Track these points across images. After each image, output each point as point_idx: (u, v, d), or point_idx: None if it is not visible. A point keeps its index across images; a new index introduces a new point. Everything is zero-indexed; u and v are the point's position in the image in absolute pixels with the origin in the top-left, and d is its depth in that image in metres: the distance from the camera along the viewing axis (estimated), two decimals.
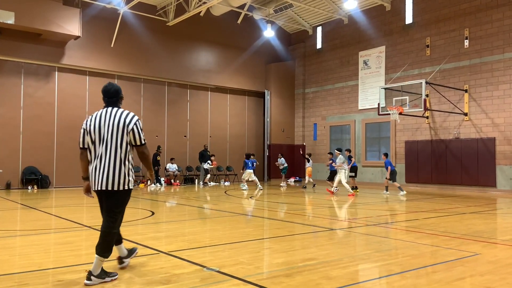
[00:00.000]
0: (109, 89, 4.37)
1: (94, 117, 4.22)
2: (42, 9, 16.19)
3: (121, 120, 4.12)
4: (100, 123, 4.14)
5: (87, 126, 4.22)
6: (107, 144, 4.10)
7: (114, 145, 4.10)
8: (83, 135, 4.24)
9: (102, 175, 4.08)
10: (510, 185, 15.99)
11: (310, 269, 4.57)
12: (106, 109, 4.25)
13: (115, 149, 4.10)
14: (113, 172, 4.07)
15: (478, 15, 17.07)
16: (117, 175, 4.08)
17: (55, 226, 7.96)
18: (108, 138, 4.10)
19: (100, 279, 3.98)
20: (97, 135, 4.14)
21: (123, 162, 4.14)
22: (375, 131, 20.71)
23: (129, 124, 4.14)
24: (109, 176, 4.07)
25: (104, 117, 4.16)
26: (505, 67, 16.27)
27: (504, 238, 6.67)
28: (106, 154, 4.09)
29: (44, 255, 5.35)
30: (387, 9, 20.22)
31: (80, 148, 4.28)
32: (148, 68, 20.00)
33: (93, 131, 4.16)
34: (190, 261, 4.92)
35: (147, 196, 14.39)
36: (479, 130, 16.91)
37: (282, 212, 10.20)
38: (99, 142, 4.14)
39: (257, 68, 23.64)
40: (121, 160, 4.12)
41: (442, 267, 4.72)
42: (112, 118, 4.13)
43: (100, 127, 4.13)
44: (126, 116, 4.16)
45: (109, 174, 4.07)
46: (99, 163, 4.11)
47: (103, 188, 4.09)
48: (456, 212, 9.90)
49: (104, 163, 4.09)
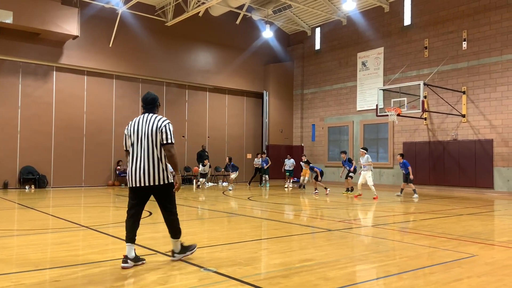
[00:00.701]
0: (147, 98, 4.89)
1: (134, 122, 4.77)
2: (40, 8, 16.16)
3: (155, 123, 4.66)
4: (138, 127, 4.69)
5: (128, 130, 4.78)
6: (144, 145, 4.63)
7: (151, 146, 4.62)
8: (125, 139, 4.80)
9: (141, 173, 4.61)
10: (507, 186, 16.02)
11: (308, 270, 4.57)
12: (143, 115, 4.79)
13: (152, 149, 4.63)
14: (153, 169, 4.62)
15: (476, 17, 17.12)
16: (156, 171, 4.64)
17: (52, 226, 7.95)
18: (144, 140, 4.63)
19: (182, 254, 4.92)
20: (135, 138, 4.68)
21: (160, 159, 4.67)
22: (373, 132, 20.74)
23: (161, 126, 4.66)
24: (150, 173, 4.61)
25: (142, 122, 4.70)
26: (503, 69, 16.32)
27: (501, 239, 6.68)
28: (144, 154, 4.62)
29: (41, 255, 5.34)
30: (386, 10, 20.26)
31: (125, 150, 4.88)
32: (147, 68, 19.98)
33: (132, 135, 4.71)
34: (187, 261, 4.91)
35: None
36: (477, 132, 16.95)
37: (280, 213, 10.19)
38: (136, 144, 4.67)
39: (256, 68, 23.64)
40: (158, 158, 4.66)
41: (440, 268, 4.73)
42: (148, 122, 4.67)
43: (138, 131, 4.68)
44: (160, 119, 4.71)
45: (149, 171, 4.61)
46: (138, 163, 4.63)
47: (142, 184, 4.62)
48: (453, 214, 9.92)
49: (142, 162, 4.61)
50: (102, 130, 18.97)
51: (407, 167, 14.28)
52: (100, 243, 6.04)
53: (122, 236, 6.48)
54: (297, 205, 11.89)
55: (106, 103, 19.17)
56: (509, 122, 16.07)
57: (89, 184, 18.50)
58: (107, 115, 19.18)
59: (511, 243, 6.29)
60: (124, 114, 19.62)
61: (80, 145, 18.44)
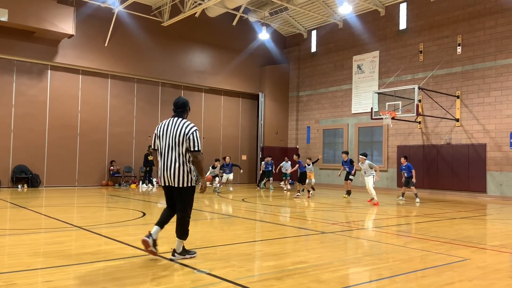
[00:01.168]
0: (177, 102, 5.18)
1: (163, 124, 5.09)
2: (36, 7, 16.09)
3: (183, 129, 4.94)
4: (167, 130, 5.01)
5: (158, 131, 5.11)
6: (171, 149, 4.96)
7: (177, 150, 4.95)
8: (155, 139, 5.14)
9: (167, 174, 4.97)
10: (500, 191, 16.14)
11: (301, 272, 4.58)
12: (173, 118, 5.10)
13: (178, 153, 4.94)
14: (177, 171, 4.93)
15: (471, 22, 17.25)
16: (180, 174, 4.94)
17: (44, 225, 7.90)
18: (172, 143, 4.96)
19: (182, 256, 5.04)
20: (164, 140, 5.01)
21: (185, 163, 4.96)
22: (368, 135, 20.81)
23: (188, 133, 4.93)
24: (174, 175, 4.94)
25: (171, 125, 5.02)
26: (497, 74, 16.45)
27: (493, 243, 6.73)
28: (171, 156, 4.96)
29: (33, 255, 5.30)
30: (382, 14, 20.36)
31: (152, 149, 5.23)
32: (142, 68, 19.94)
33: (161, 137, 5.04)
34: (180, 263, 4.90)
35: (138, 196, 14.33)
36: (470, 136, 17.06)
37: (274, 215, 10.20)
38: (165, 146, 5.01)
39: (252, 70, 23.66)
40: (183, 162, 4.96)
41: (432, 272, 4.76)
42: (176, 127, 4.97)
43: (167, 134, 5.00)
44: (187, 126, 4.97)
45: (174, 173, 4.94)
46: (166, 164, 4.98)
47: (167, 184, 5.02)
48: (446, 217, 9.98)
49: (169, 164, 4.96)
50: (96, 129, 18.89)
51: (411, 170, 14.01)
52: (93, 244, 6.01)
53: (115, 236, 6.47)
54: (291, 207, 11.90)
55: (101, 103, 19.10)
56: (502, 127, 16.19)
57: (83, 183, 18.41)
58: (102, 114, 19.10)
59: (503, 248, 6.33)
60: (119, 113, 19.57)
61: (74, 144, 18.35)
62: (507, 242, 6.89)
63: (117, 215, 9.63)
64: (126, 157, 19.61)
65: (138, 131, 20.08)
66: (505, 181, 16.02)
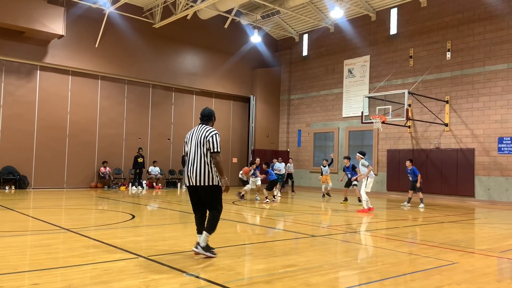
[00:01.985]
0: (203, 112, 5.68)
1: (191, 132, 5.62)
2: (25, 6, 15.93)
3: (205, 133, 5.43)
4: (193, 135, 5.52)
5: (187, 138, 5.64)
6: (195, 151, 5.42)
7: (200, 152, 5.40)
8: (184, 146, 5.67)
9: (192, 174, 5.38)
10: (488, 195, 16.31)
11: (291, 276, 4.57)
12: (199, 125, 5.59)
13: (201, 155, 5.38)
14: (200, 171, 5.35)
15: (460, 28, 17.46)
16: (203, 173, 5.34)
17: (32, 227, 7.80)
18: (195, 146, 5.44)
19: (205, 251, 5.30)
20: (190, 145, 5.53)
21: (207, 163, 5.37)
22: (358, 139, 20.92)
23: (207, 135, 5.40)
24: (198, 175, 5.34)
25: (196, 131, 5.53)
26: (485, 80, 16.66)
27: (481, 247, 6.79)
28: (196, 158, 5.40)
29: (20, 257, 5.23)
30: (372, 19, 20.52)
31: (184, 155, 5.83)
32: (133, 70, 19.84)
33: (190, 141, 5.54)
34: (170, 266, 4.87)
35: (128, 199, 14.22)
36: (459, 141, 17.24)
37: (264, 218, 10.19)
38: (190, 150, 5.50)
39: (243, 73, 23.68)
40: (205, 162, 5.37)
41: (421, 275, 4.78)
42: (200, 133, 5.47)
43: (192, 139, 5.51)
44: (208, 130, 5.47)
45: (198, 173, 5.35)
46: (191, 166, 5.41)
47: (192, 184, 5.39)
48: (435, 221, 10.05)
49: (195, 165, 5.38)
50: (85, 131, 18.74)
51: (416, 174, 13.51)
52: (81, 246, 5.94)
53: (103, 239, 6.41)
54: (282, 211, 11.90)
55: (90, 104, 18.95)
56: (491, 132, 16.39)
57: (71, 185, 18.23)
58: (91, 115, 18.96)
59: (490, 251, 6.40)
60: (109, 115, 19.44)
61: (62, 145, 18.17)
62: (495, 246, 6.96)
63: (106, 218, 9.54)
64: (115, 159, 19.46)
65: (128, 133, 19.95)
66: (493, 185, 16.21)
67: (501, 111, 16.20)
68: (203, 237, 5.33)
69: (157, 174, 19.88)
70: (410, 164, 13.82)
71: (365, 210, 11.32)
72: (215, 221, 5.41)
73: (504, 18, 16.30)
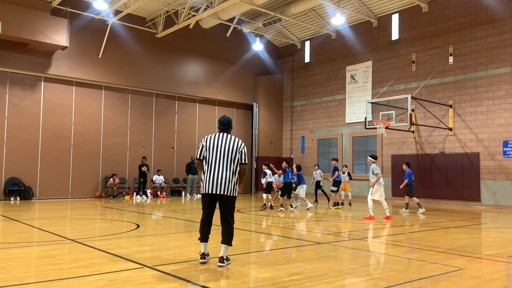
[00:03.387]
0: (223, 120, 5.67)
1: (213, 138, 5.51)
2: (29, 19, 16.09)
3: (236, 144, 5.47)
4: (219, 143, 5.45)
5: (206, 143, 5.50)
6: (225, 161, 5.38)
7: (229, 161, 5.39)
8: (201, 149, 5.52)
9: (219, 182, 5.32)
10: (494, 199, 16.20)
11: (296, 284, 4.54)
12: (222, 133, 5.57)
13: (230, 164, 5.39)
14: (228, 181, 5.35)
15: (462, 32, 17.46)
16: (231, 183, 5.38)
17: (37, 239, 7.81)
18: (226, 156, 5.39)
19: (228, 261, 5.40)
20: (216, 152, 5.41)
21: (234, 174, 5.43)
22: (362, 144, 20.88)
23: (240, 147, 5.50)
24: (226, 184, 5.33)
25: (223, 139, 5.48)
26: (489, 84, 16.62)
27: (488, 252, 6.73)
28: (223, 167, 5.36)
29: (25, 268, 5.23)
30: (374, 25, 20.57)
31: (198, 159, 5.56)
32: (136, 79, 19.94)
33: (212, 148, 5.43)
34: (175, 275, 4.85)
35: (132, 208, 14.22)
36: (464, 145, 17.16)
37: (269, 226, 10.15)
38: (217, 158, 5.40)
39: (246, 80, 23.75)
40: (233, 172, 5.41)
41: (428, 282, 4.74)
42: (229, 141, 5.46)
43: (219, 146, 5.43)
44: (239, 141, 5.53)
45: (226, 182, 5.33)
46: (217, 174, 5.34)
47: (219, 192, 5.33)
48: (441, 226, 9.98)
49: (221, 174, 5.34)
50: (90, 141, 18.80)
51: (405, 178, 13.43)
52: (86, 257, 5.94)
53: (108, 249, 6.40)
54: (286, 218, 11.86)
55: (94, 114, 19.04)
56: (495, 136, 16.32)
57: (76, 195, 18.26)
58: (96, 126, 19.03)
59: (498, 257, 6.34)
60: (113, 125, 19.51)
61: (67, 156, 18.23)
62: (502, 251, 6.89)
63: (111, 228, 9.54)
64: (120, 169, 19.49)
65: (132, 142, 20.01)
66: (499, 189, 16.10)
67: (505, 115, 16.14)
68: (224, 250, 5.38)
69: (162, 183, 19.89)
70: (406, 167, 13.78)
71: (371, 217, 11.19)
72: (232, 232, 5.50)
73: (506, 22, 16.30)
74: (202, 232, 5.53)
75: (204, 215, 5.53)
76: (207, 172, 5.40)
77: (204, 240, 5.52)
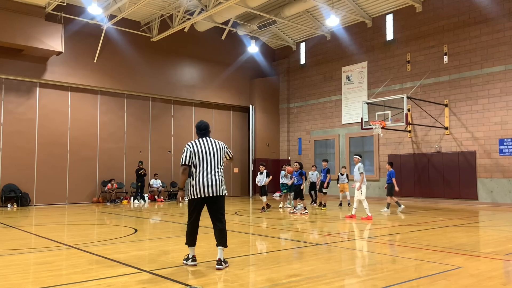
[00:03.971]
0: (200, 125, 5.80)
1: (199, 143, 5.63)
2: (23, 24, 16.06)
3: (221, 146, 5.70)
4: (205, 148, 5.58)
5: (195, 149, 5.57)
6: (213, 163, 5.54)
7: (218, 163, 5.59)
8: (189, 155, 5.54)
9: (213, 185, 5.44)
10: (491, 197, 16.25)
11: (294, 286, 4.54)
12: (205, 138, 5.71)
13: (219, 166, 5.59)
14: (220, 182, 5.53)
15: (456, 31, 17.54)
16: (222, 183, 5.57)
17: (34, 245, 7.77)
18: (216, 158, 5.58)
19: (226, 263, 5.42)
20: (205, 156, 5.53)
21: (223, 175, 5.63)
22: (359, 145, 20.91)
23: (224, 147, 5.75)
24: (219, 185, 5.49)
25: (210, 144, 5.64)
26: (483, 82, 16.69)
27: (486, 251, 6.75)
28: (216, 170, 5.53)
29: (22, 275, 5.20)
30: (368, 26, 20.64)
31: (184, 165, 5.55)
32: (132, 84, 19.91)
33: (200, 153, 5.53)
34: (173, 279, 4.84)
35: (130, 213, 14.18)
36: (460, 144, 17.22)
37: (267, 228, 10.14)
38: (209, 162, 5.52)
39: (242, 83, 23.76)
40: (222, 173, 5.61)
41: (426, 281, 4.75)
42: (215, 145, 5.65)
43: (207, 151, 5.56)
44: (221, 143, 5.76)
45: (219, 183, 5.49)
46: (210, 176, 5.46)
47: (213, 194, 5.44)
48: (438, 225, 10.00)
49: (213, 176, 5.48)
50: (86, 146, 18.75)
51: (391, 177, 13.60)
52: (84, 262, 5.91)
53: (106, 254, 6.38)
54: (283, 220, 11.86)
55: (90, 119, 19.00)
56: (491, 134, 16.38)
57: (73, 201, 18.20)
58: (92, 131, 18.99)
59: (495, 255, 6.35)
60: (109, 130, 19.47)
61: (63, 161, 18.17)
62: (500, 249, 6.91)
63: (109, 233, 9.51)
64: (117, 173, 19.44)
65: (129, 146, 19.97)
66: (496, 187, 16.15)
67: (500, 113, 16.21)
68: (221, 253, 5.41)
69: (159, 187, 19.85)
70: (389, 166, 13.84)
71: (369, 217, 11.18)
72: (226, 235, 5.52)
73: (499, 20, 16.39)
74: (192, 237, 5.60)
75: (192, 219, 5.58)
76: (199, 176, 5.47)
77: (193, 245, 5.60)
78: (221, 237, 5.45)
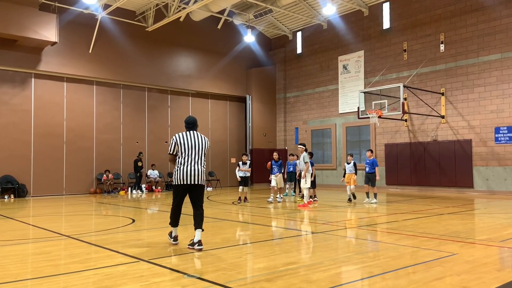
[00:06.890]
0: (189, 120, 6.42)
1: (185, 135, 6.20)
2: (17, 15, 15.89)
3: (205, 140, 6.32)
4: (191, 140, 6.17)
5: (181, 140, 6.14)
6: (197, 155, 6.14)
7: (202, 155, 6.19)
8: (175, 146, 6.17)
9: (194, 174, 6.04)
10: (486, 185, 16.36)
11: (291, 273, 4.58)
12: (192, 131, 6.29)
13: (202, 158, 6.18)
14: (202, 172, 6.13)
15: (453, 20, 17.49)
16: (203, 174, 6.17)
17: (32, 235, 7.79)
18: (200, 151, 6.18)
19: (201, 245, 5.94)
20: (190, 148, 6.11)
21: (204, 166, 6.20)
22: (356, 134, 20.95)
23: (207, 142, 6.37)
24: (200, 175, 6.10)
25: (196, 137, 6.22)
26: (480, 71, 16.70)
27: (480, 238, 6.82)
28: (199, 161, 6.13)
29: (21, 265, 5.22)
30: (365, 14, 20.54)
31: (171, 154, 6.24)
32: (128, 74, 19.80)
33: (186, 144, 6.12)
34: (170, 268, 4.87)
35: (128, 203, 14.21)
36: (456, 132, 17.28)
37: (264, 217, 10.20)
38: (193, 153, 6.11)
39: (238, 73, 23.67)
40: (204, 165, 6.20)
41: (421, 268, 4.80)
42: (200, 138, 6.25)
43: (193, 143, 6.15)
44: (205, 138, 6.36)
45: (200, 173, 6.10)
46: (194, 167, 6.06)
47: (195, 182, 6.04)
48: (434, 213, 10.08)
49: (197, 167, 6.09)
50: (83, 137, 18.70)
51: (375, 166, 12.48)
52: (82, 252, 5.94)
53: (104, 244, 6.41)
54: (280, 209, 11.92)
55: (86, 110, 18.92)
56: (487, 122, 16.44)
57: (70, 192, 18.20)
58: (88, 121, 18.92)
59: (490, 241, 6.42)
60: (105, 120, 19.41)
61: (60, 152, 18.13)
62: (494, 236, 6.98)
63: (106, 223, 9.54)
64: (114, 164, 19.43)
65: (126, 137, 19.93)
66: (491, 175, 16.26)
67: (496, 101, 16.25)
68: (199, 235, 5.95)
69: (156, 177, 19.87)
70: (370, 154, 12.81)
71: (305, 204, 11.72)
72: (203, 220, 6.13)
73: (495, 8, 16.34)
74: (176, 218, 6.31)
75: (176, 203, 6.25)
76: (183, 165, 6.07)
77: (176, 225, 6.36)
78: (200, 220, 6.05)
